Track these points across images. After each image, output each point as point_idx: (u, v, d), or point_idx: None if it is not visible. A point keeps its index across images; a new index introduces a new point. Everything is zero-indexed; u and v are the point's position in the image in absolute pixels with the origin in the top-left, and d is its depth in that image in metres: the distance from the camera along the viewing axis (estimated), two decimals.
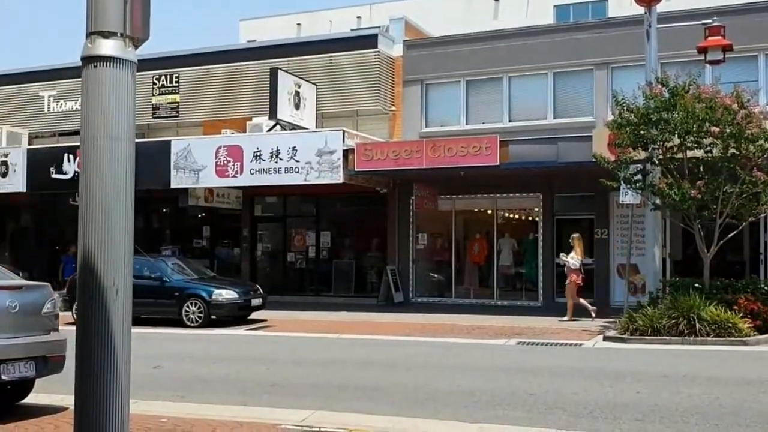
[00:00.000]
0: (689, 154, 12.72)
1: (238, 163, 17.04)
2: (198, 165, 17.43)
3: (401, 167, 16.37)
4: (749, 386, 8.48)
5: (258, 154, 16.88)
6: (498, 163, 15.49)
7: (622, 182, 13.35)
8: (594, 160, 13.37)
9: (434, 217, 19.28)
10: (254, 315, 15.84)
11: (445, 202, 18.90)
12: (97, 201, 4.38)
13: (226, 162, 17.16)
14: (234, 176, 17.21)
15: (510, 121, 18.73)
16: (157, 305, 15.02)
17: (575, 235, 15.51)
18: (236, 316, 15.33)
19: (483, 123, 18.82)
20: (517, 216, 19.48)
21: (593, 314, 14.82)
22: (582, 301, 15.08)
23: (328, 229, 20.79)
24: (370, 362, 10.65)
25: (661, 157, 12.98)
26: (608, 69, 17.87)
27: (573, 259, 15.04)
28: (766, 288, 12.88)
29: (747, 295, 12.47)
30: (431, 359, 10.82)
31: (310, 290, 20.73)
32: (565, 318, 14.96)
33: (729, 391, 8.15)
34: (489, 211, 19.20)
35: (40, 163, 19.26)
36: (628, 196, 13.93)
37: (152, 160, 17.13)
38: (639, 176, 13.33)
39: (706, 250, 12.99)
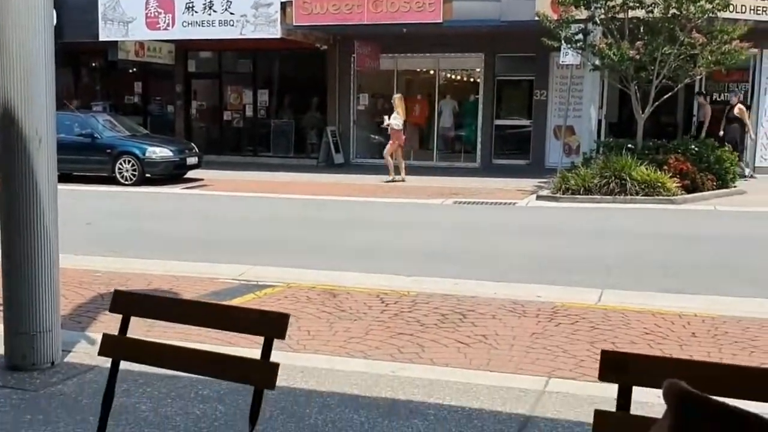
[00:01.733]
0: (631, 14, 12.63)
1: (170, 15, 16.25)
2: (127, 16, 16.56)
3: (342, 22, 15.86)
4: (672, 241, 8.86)
5: (190, 5, 16.09)
6: (441, 20, 15.13)
7: (563, 42, 13.25)
8: (537, 18, 13.17)
9: (375, 77, 18.95)
10: (190, 174, 15.64)
11: (386, 60, 18.53)
12: (14, 47, 4.11)
13: (156, 14, 16.34)
14: (165, 29, 16.45)
15: None
16: (89, 162, 14.66)
17: (396, 95, 15.56)
18: (171, 174, 15.10)
19: None
20: (458, 77, 19.29)
21: (400, 177, 14.96)
22: (391, 161, 15.25)
23: (265, 88, 20.29)
24: (308, 221, 10.70)
25: (603, 16, 12.85)
26: None
27: (395, 119, 15.06)
28: (695, 149, 13.23)
29: (677, 155, 12.81)
30: (370, 218, 10.94)
31: (248, 150, 20.46)
32: (389, 178, 15.03)
33: (653, 245, 8.50)
34: (431, 72, 18.96)
35: None
36: (568, 57, 13.87)
37: (80, 10, 16.20)
38: (580, 36, 13.24)
39: (641, 111, 13.18)
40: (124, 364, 4.06)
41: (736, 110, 15.16)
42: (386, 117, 15.44)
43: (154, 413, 3.69)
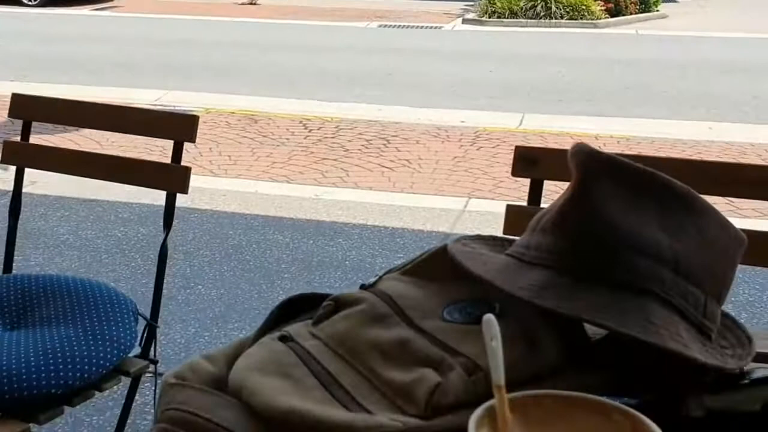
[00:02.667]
0: None
1: None
2: None
3: None
4: (594, 65, 8.92)
5: None
6: None
7: None
8: None
9: None
10: None
11: None
12: None
13: None
14: None
15: None
16: None
17: None
18: None
19: None
20: None
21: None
22: None
23: None
24: (224, 43, 10.28)
25: None
26: None
27: None
28: None
29: None
30: (288, 41, 10.58)
31: None
32: None
33: (576, 69, 8.55)
34: None
35: None
36: None
37: None
38: None
39: None
40: (40, 189, 3.96)
41: None
42: None
43: (74, 236, 3.64)
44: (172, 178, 1.74)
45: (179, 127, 1.76)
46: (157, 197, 1.80)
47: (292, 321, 0.85)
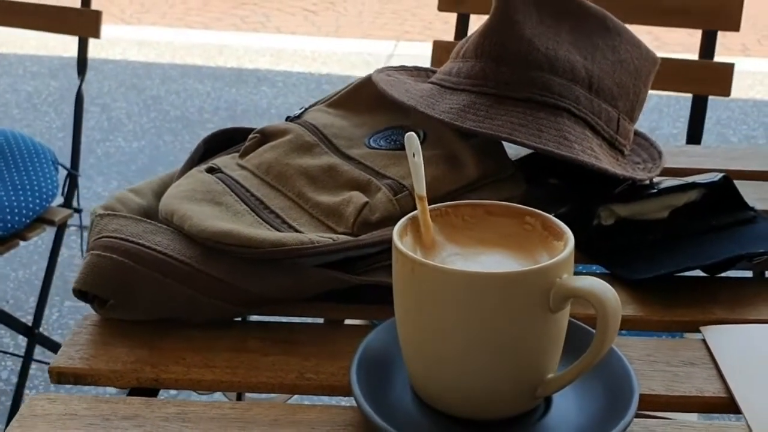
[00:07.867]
0: None
1: None
2: None
3: None
4: None
5: None
6: None
7: None
8: None
9: None
10: None
11: None
12: None
13: None
14: None
15: None
16: None
17: None
18: None
19: None
20: None
21: None
22: None
23: None
24: None
25: None
26: None
27: None
28: None
29: None
30: None
31: None
32: None
33: None
34: None
35: None
36: None
37: None
38: None
39: None
40: None
41: None
42: None
43: None
44: (83, 21, 1.67)
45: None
46: (67, 48, 1.73)
47: (219, 155, 0.86)
